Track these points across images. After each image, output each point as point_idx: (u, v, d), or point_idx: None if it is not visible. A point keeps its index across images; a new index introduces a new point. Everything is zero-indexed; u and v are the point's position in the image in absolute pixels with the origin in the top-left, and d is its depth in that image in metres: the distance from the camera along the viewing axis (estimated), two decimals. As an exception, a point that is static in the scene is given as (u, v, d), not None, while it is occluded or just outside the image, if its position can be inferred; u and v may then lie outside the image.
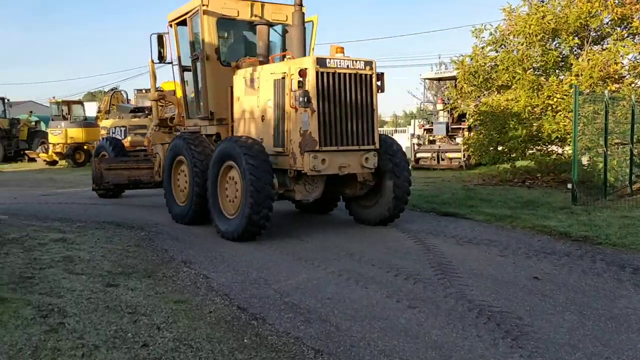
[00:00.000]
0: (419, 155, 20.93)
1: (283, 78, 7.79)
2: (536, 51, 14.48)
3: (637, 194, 11.76)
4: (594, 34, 14.61)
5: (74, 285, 5.47)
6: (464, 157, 19.55)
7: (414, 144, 21.52)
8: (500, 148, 15.59)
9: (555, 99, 13.76)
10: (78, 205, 11.46)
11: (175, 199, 9.44)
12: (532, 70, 14.80)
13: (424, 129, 21.74)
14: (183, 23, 9.73)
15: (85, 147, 25.66)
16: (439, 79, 23.93)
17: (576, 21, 13.65)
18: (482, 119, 15.60)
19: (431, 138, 21.36)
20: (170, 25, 10.03)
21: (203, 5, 8.89)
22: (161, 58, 9.96)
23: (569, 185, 10.76)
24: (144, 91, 24.45)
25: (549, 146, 15.24)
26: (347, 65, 7.71)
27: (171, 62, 10.14)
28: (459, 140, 20.18)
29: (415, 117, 38.51)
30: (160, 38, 9.88)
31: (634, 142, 12.31)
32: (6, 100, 30.86)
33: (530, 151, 15.36)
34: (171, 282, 5.73)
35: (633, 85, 14.01)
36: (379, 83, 8.10)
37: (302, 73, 7.41)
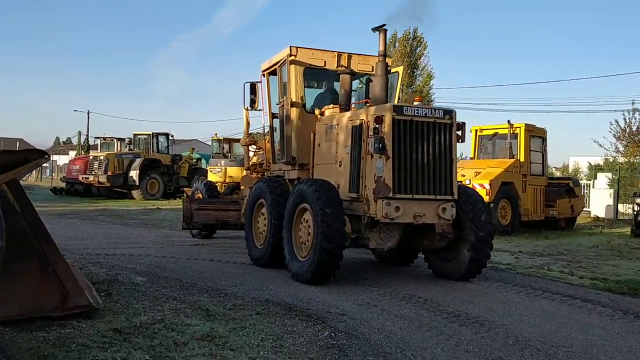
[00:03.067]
0: (641, 218, 16.48)
1: (360, 125, 7.83)
2: None
3: None
4: None
5: None
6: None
7: (635, 204, 17.11)
8: None
9: None
10: (234, 267, 8.98)
11: (254, 241, 9.39)
12: None
13: (646, 187, 17.18)
14: (274, 73, 9.99)
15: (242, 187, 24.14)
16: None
17: None
18: None
19: (656, 198, 16.79)
20: (263, 75, 10.39)
21: (291, 55, 9.16)
22: (252, 105, 10.30)
23: None
24: None
25: None
26: (426, 114, 7.62)
27: (262, 109, 10.44)
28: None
29: (603, 169, 33.20)
30: (253, 86, 10.25)
31: None
32: (170, 136, 30.87)
33: None
34: None
35: None
36: (459, 132, 7.94)
37: (378, 120, 7.41)
